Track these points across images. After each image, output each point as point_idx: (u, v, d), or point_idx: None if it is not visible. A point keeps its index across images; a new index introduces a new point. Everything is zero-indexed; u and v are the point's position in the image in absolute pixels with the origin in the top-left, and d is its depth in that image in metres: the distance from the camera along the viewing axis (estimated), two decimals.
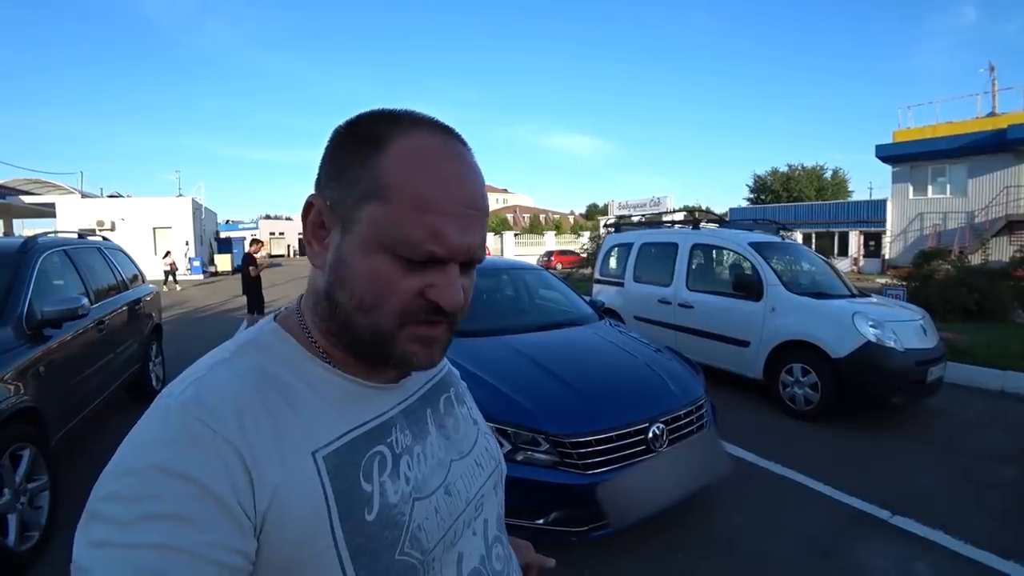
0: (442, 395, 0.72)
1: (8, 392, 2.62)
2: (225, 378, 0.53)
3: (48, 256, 3.70)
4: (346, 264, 0.54)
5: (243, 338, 0.60)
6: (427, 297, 0.54)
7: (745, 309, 5.25)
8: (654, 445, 2.61)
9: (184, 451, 0.46)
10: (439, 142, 0.55)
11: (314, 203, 0.57)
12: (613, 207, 32.07)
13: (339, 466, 0.53)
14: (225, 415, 0.49)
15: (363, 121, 0.57)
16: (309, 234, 0.58)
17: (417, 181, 0.52)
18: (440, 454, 0.65)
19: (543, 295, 4.68)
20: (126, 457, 0.47)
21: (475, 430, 0.74)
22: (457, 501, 0.63)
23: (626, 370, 3.15)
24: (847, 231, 25.26)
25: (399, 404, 0.64)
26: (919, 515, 3.08)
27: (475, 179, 0.56)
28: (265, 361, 0.56)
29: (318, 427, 0.54)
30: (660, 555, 2.72)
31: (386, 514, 0.54)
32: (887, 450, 4.06)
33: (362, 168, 0.53)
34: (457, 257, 0.54)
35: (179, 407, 0.49)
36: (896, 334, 4.47)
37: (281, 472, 0.49)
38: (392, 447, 0.59)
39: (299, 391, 0.55)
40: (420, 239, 0.51)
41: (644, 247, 6.89)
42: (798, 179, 37.48)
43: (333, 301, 0.56)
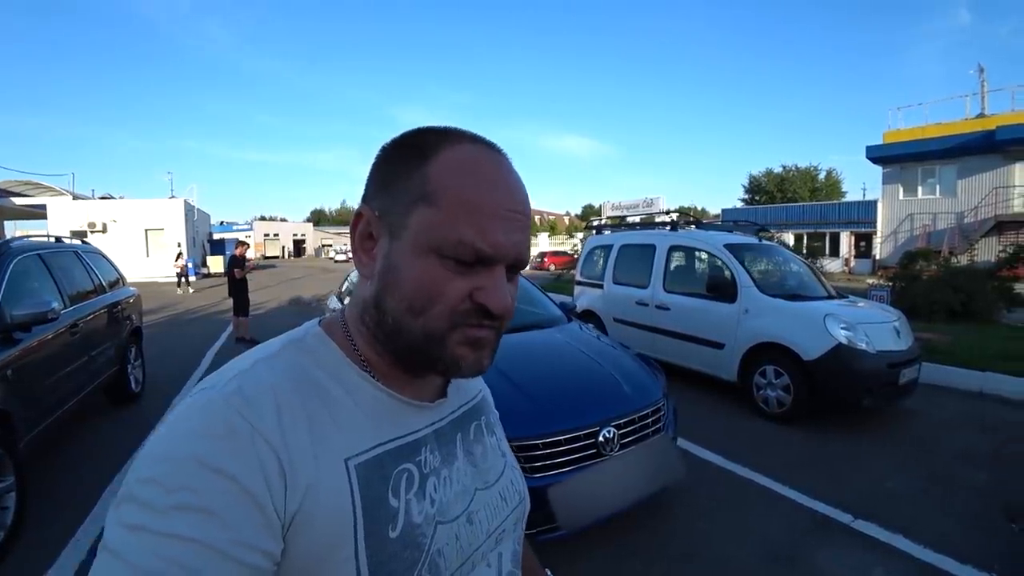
0: (474, 422, 0.72)
1: None
2: (267, 375, 0.53)
3: (21, 260, 3.72)
4: (396, 269, 0.54)
5: (287, 338, 0.60)
6: (476, 300, 0.53)
7: (719, 311, 5.23)
8: (605, 449, 2.58)
9: (223, 445, 0.46)
10: (482, 151, 0.56)
11: (363, 213, 0.58)
12: (606, 208, 32.05)
13: (369, 477, 0.53)
14: (265, 412, 0.49)
15: (409, 136, 0.58)
16: (357, 245, 0.59)
17: (464, 186, 0.53)
18: (465, 481, 0.64)
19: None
20: (167, 443, 0.47)
21: (503, 462, 0.73)
22: (478, 531, 0.62)
23: (581, 373, 3.11)
24: (838, 232, 25.35)
25: (431, 425, 0.63)
26: (881, 519, 3.05)
27: (518, 185, 0.57)
28: (307, 363, 0.57)
29: (353, 435, 0.54)
30: (617, 559, 2.69)
31: (409, 533, 0.54)
32: (857, 453, 4.03)
33: (409, 177, 0.55)
34: (504, 257, 0.54)
35: (222, 400, 0.49)
36: (868, 336, 4.45)
37: (314, 475, 0.49)
38: (420, 466, 0.59)
39: (337, 397, 0.55)
40: (468, 238, 0.52)
41: (623, 249, 6.87)
42: (792, 180, 37.63)
43: (382, 308, 0.56)
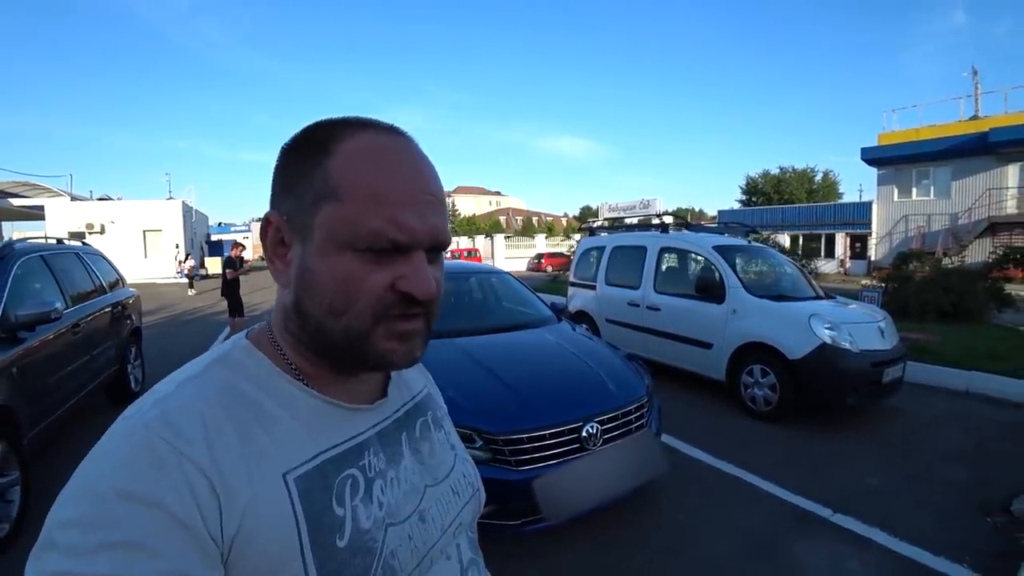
0: (419, 419, 0.70)
1: None
2: (193, 396, 0.51)
3: (24, 262, 3.81)
4: (311, 272, 0.53)
5: (213, 354, 0.58)
6: (399, 289, 0.53)
7: (708, 311, 5.31)
8: (588, 444, 2.67)
9: (148, 474, 0.44)
10: (384, 138, 0.55)
11: (271, 220, 0.56)
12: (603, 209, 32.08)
13: (310, 489, 0.52)
14: (192, 435, 0.47)
15: (307, 132, 0.56)
16: (270, 252, 0.57)
17: (368, 176, 0.52)
18: (414, 479, 0.63)
19: (503, 298, 4.72)
20: (86, 480, 0.45)
21: (452, 456, 0.72)
22: (432, 528, 0.62)
23: (567, 371, 3.20)
24: (834, 233, 25.49)
25: (374, 427, 0.62)
26: (859, 513, 3.13)
27: (425, 168, 0.56)
28: (235, 379, 0.55)
29: (289, 448, 0.52)
30: (600, 551, 2.76)
31: (358, 539, 0.53)
32: (840, 450, 4.12)
33: (311, 175, 0.53)
34: (421, 242, 0.53)
35: (143, 427, 0.47)
36: (852, 336, 4.54)
37: (251, 495, 0.47)
38: (365, 471, 0.57)
39: (270, 410, 0.54)
40: (379, 228, 0.51)
41: (615, 250, 6.96)
42: (789, 181, 37.74)
43: (303, 313, 0.55)
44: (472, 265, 5.94)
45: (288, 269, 0.56)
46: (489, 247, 35.71)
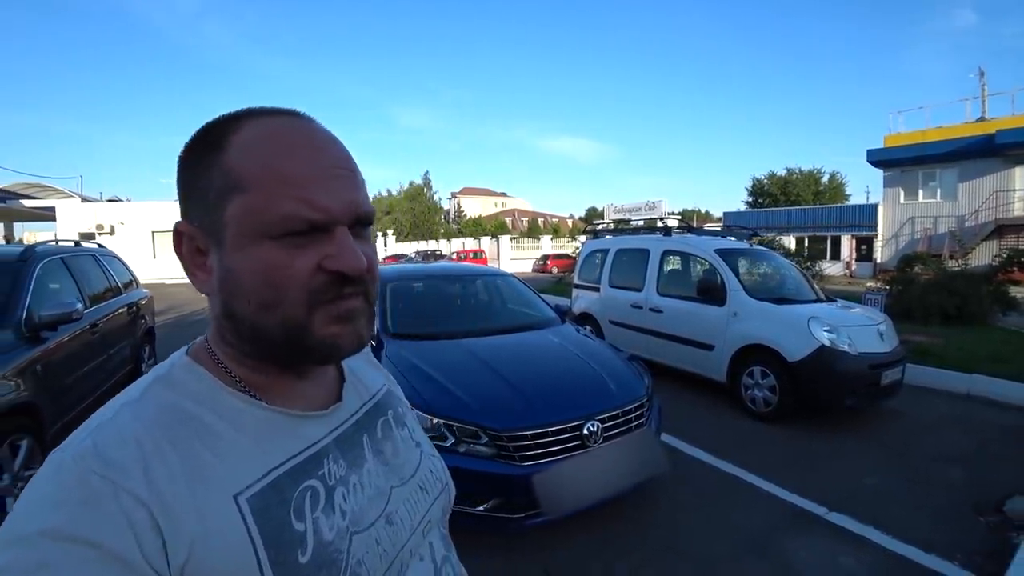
0: (380, 418, 0.68)
1: (9, 388, 2.91)
2: (129, 422, 0.48)
3: (46, 263, 3.96)
4: (232, 271, 0.51)
5: (153, 375, 0.55)
6: (327, 269, 0.50)
7: (709, 314, 5.39)
8: (589, 441, 2.76)
9: (81, 511, 0.41)
10: (279, 121, 0.53)
11: (181, 230, 0.54)
12: (608, 211, 32.21)
13: (266, 507, 0.49)
14: (128, 465, 0.45)
15: (199, 133, 0.54)
16: (189, 264, 0.54)
17: (267, 160, 0.50)
18: (379, 482, 0.61)
19: (508, 300, 4.83)
20: (15, 524, 0.42)
21: (418, 453, 0.70)
22: (400, 530, 0.60)
23: (570, 371, 3.29)
24: (839, 235, 25.46)
25: (331, 432, 0.60)
26: (854, 512, 3.20)
27: (330, 144, 0.54)
28: (177, 399, 0.52)
29: (240, 467, 0.50)
30: (597, 547, 2.84)
31: (321, 553, 0.51)
32: (838, 451, 4.19)
33: (208, 173, 0.51)
34: (340, 218, 0.51)
35: (73, 461, 0.45)
36: (851, 338, 4.61)
37: (198, 522, 0.45)
38: (325, 480, 0.55)
39: (217, 429, 0.51)
40: (291, 210, 0.49)
41: (619, 253, 7.04)
42: (795, 183, 37.67)
43: (234, 317, 0.53)
44: (478, 267, 6.05)
45: (210, 277, 0.53)
46: (495, 248, 35.83)
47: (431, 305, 4.56)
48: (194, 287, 0.56)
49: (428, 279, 4.95)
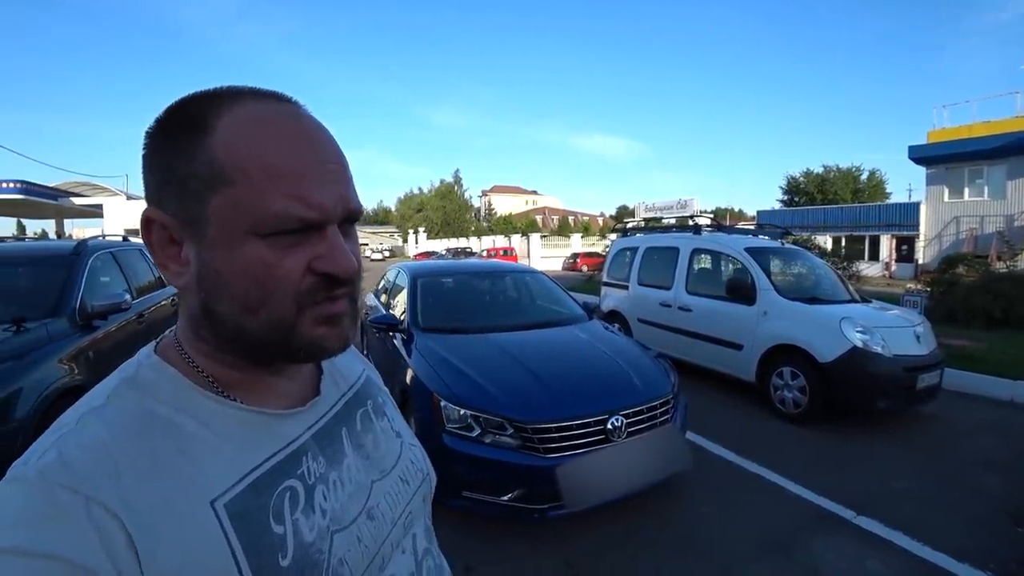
0: (359, 410, 0.67)
1: (64, 371, 3.13)
2: (96, 430, 0.45)
3: (97, 257, 4.19)
4: (215, 270, 0.48)
5: (119, 376, 0.52)
6: (317, 270, 0.49)
7: (739, 313, 5.35)
8: (613, 436, 2.80)
9: (47, 527, 0.39)
10: (270, 107, 0.50)
11: (152, 218, 0.50)
12: (639, 209, 32.00)
13: (244, 512, 0.47)
14: (97, 475, 0.42)
15: (175, 110, 0.49)
16: (159, 255, 0.51)
17: (259, 150, 0.47)
18: (359, 477, 0.60)
19: (536, 296, 4.88)
20: None
21: (398, 443, 0.69)
22: (381, 524, 0.59)
23: (596, 366, 3.34)
24: (878, 235, 24.65)
25: (309, 428, 0.58)
26: (884, 517, 3.15)
27: (322, 135, 0.51)
28: (146, 402, 0.49)
29: (216, 471, 0.48)
30: (617, 540, 2.88)
31: (303, 555, 0.49)
32: (869, 454, 4.11)
33: (192, 158, 0.47)
34: (332, 215, 0.49)
35: (37, 476, 0.42)
36: (885, 340, 4.51)
37: (174, 531, 0.43)
38: (304, 479, 0.53)
39: (190, 432, 0.49)
40: (284, 208, 0.46)
41: (648, 251, 7.03)
42: (833, 181, 36.64)
43: (214, 316, 0.50)
44: (507, 264, 6.12)
45: (186, 270, 0.50)
46: (525, 246, 35.88)
47: (460, 300, 4.64)
48: (165, 279, 0.55)
49: (458, 275, 5.04)
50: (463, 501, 2.76)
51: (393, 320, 4.03)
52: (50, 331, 3.27)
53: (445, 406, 2.86)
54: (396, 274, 5.29)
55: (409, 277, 4.54)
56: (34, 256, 4.19)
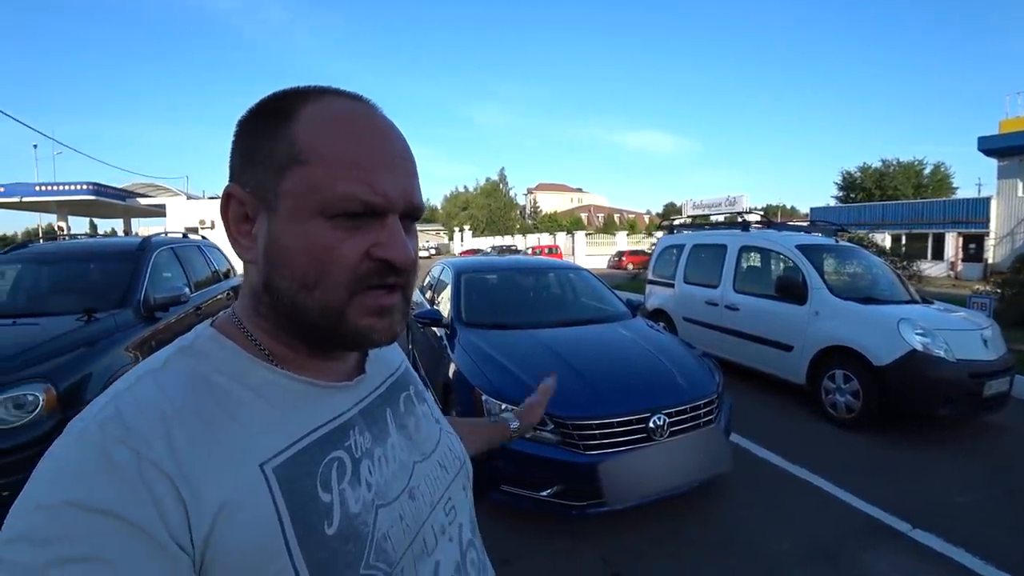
0: (402, 393, 0.69)
1: (129, 359, 3.34)
2: (152, 390, 0.48)
3: (160, 252, 4.48)
4: (279, 245, 0.51)
5: (176, 345, 0.54)
6: (375, 256, 0.51)
7: (789, 313, 5.17)
8: (655, 435, 2.77)
9: (101, 481, 0.41)
10: (349, 104, 0.53)
11: (232, 194, 0.53)
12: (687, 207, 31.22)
13: (292, 477, 0.49)
14: (151, 433, 0.44)
15: (267, 101, 0.54)
16: (233, 229, 0.54)
17: (337, 139, 0.50)
18: (402, 456, 0.61)
19: (580, 293, 4.86)
20: (35, 490, 0.42)
21: (437, 429, 0.71)
22: (422, 506, 0.60)
23: (639, 364, 3.30)
24: (943, 232, 23.31)
25: (356, 404, 0.60)
26: (942, 531, 2.98)
27: (393, 132, 0.55)
28: (201, 368, 0.51)
29: (266, 436, 0.49)
30: (657, 539, 2.84)
31: (348, 525, 0.50)
32: (927, 464, 3.90)
33: (274, 141, 0.51)
34: (395, 205, 0.51)
35: (96, 428, 0.44)
36: (948, 343, 4.27)
37: (223, 492, 0.44)
38: (351, 451, 0.55)
39: (242, 398, 0.50)
40: (350, 191, 0.49)
41: (695, 249, 6.89)
42: (893, 175, 34.80)
43: (274, 290, 0.52)
44: (551, 260, 6.13)
45: (254, 245, 0.53)
46: (570, 244, 35.68)
47: (504, 296, 4.67)
48: (235, 253, 0.56)
49: (501, 271, 5.07)
50: (502, 495, 2.79)
51: (437, 315, 4.09)
52: (117, 321, 3.49)
53: (487, 400, 2.89)
54: (440, 270, 5.38)
55: (453, 273, 4.60)
56: (104, 252, 4.49)
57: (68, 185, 25.06)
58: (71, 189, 24.83)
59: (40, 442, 2.61)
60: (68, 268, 4.22)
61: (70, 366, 2.92)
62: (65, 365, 2.90)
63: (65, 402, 2.78)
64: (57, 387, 2.76)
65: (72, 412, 2.84)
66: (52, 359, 2.89)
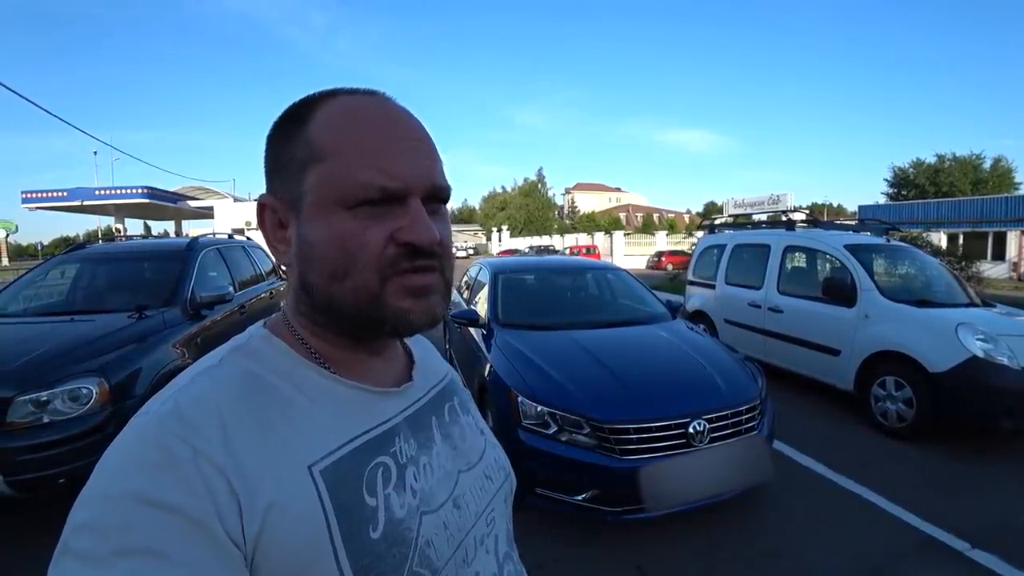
0: (447, 403, 0.69)
1: (177, 355, 3.49)
2: (209, 388, 0.49)
3: (206, 253, 4.63)
4: (308, 241, 0.52)
5: (230, 345, 0.56)
6: (399, 240, 0.51)
7: (836, 315, 4.96)
8: (694, 440, 2.69)
9: (161, 475, 0.42)
10: (361, 98, 0.54)
11: (265, 203, 0.56)
12: (728, 206, 30.59)
13: (339, 480, 0.49)
14: (208, 430, 0.45)
15: (287, 111, 0.56)
16: (271, 238, 0.56)
17: (347, 131, 0.52)
18: (447, 465, 0.61)
19: (618, 294, 4.80)
20: (100, 481, 0.43)
21: (482, 440, 0.70)
22: (466, 515, 0.60)
23: (678, 367, 3.22)
24: (1004, 231, 22.04)
25: (403, 411, 0.60)
26: (1005, 553, 2.77)
27: (406, 117, 0.55)
28: (254, 367, 0.53)
29: (315, 438, 0.50)
30: (698, 550, 2.76)
31: (392, 530, 0.50)
32: (987, 479, 3.67)
33: (294, 144, 0.53)
34: (414, 187, 0.52)
35: (157, 423, 0.45)
36: (1012, 350, 4.02)
37: (274, 491, 0.45)
38: (396, 457, 0.55)
39: (293, 399, 0.52)
40: (366, 178, 0.50)
41: (737, 248, 6.70)
42: (948, 171, 33.20)
43: (309, 287, 0.54)
44: (588, 261, 6.07)
45: (289, 249, 0.55)
46: (608, 244, 35.35)
47: (541, 297, 4.64)
48: (275, 259, 0.57)
49: (538, 271, 5.04)
50: (536, 498, 2.76)
51: (474, 315, 4.09)
52: (166, 319, 3.63)
53: (522, 402, 2.87)
54: (478, 270, 5.38)
55: (490, 273, 4.60)
56: (154, 252, 4.69)
57: (124, 189, 26.35)
58: (127, 193, 26.09)
59: (93, 432, 2.74)
60: (121, 268, 4.43)
61: (121, 361, 3.06)
62: (116, 360, 3.04)
63: (116, 395, 2.91)
64: (109, 381, 2.89)
65: (123, 405, 2.98)
66: (105, 355, 3.03)
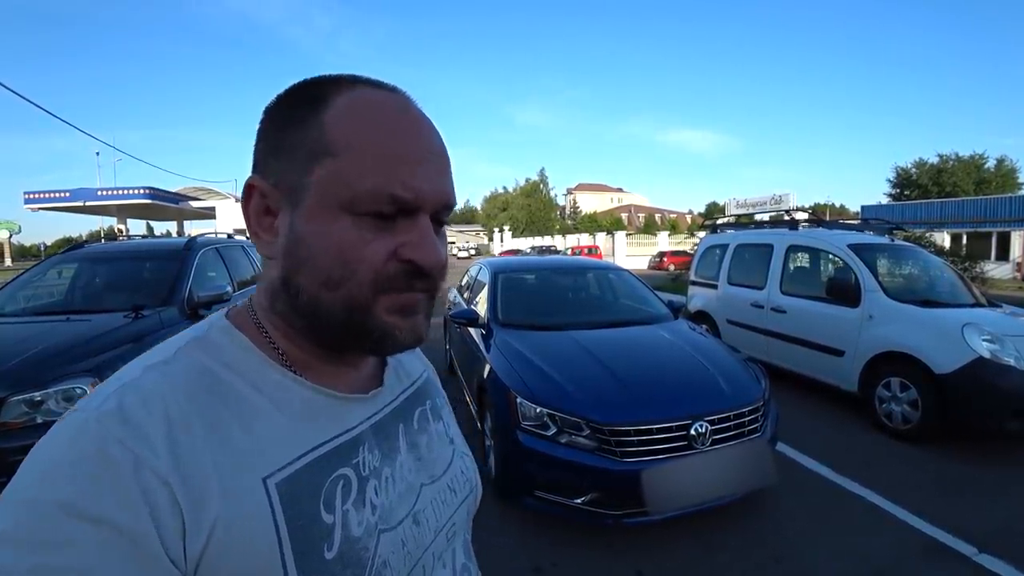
0: (418, 408, 0.65)
1: None
2: (158, 384, 0.44)
3: (204, 252, 4.59)
4: (303, 240, 0.47)
5: (188, 335, 0.51)
6: (402, 257, 0.48)
7: (840, 316, 4.91)
8: (696, 442, 2.65)
9: (95, 484, 0.38)
10: (384, 93, 0.50)
11: (255, 185, 0.50)
12: (730, 205, 30.54)
13: (295, 493, 0.45)
14: (153, 435, 0.41)
15: (297, 87, 0.51)
16: (254, 223, 0.51)
17: (367, 131, 0.47)
18: (410, 478, 0.57)
19: (620, 294, 4.75)
20: (26, 485, 0.39)
21: (450, 450, 0.66)
22: (426, 531, 0.56)
23: (679, 368, 3.18)
24: (1008, 231, 21.94)
25: (369, 418, 0.56)
26: (1013, 558, 2.72)
27: (428, 125, 0.51)
28: (212, 364, 0.48)
29: (272, 446, 0.46)
30: (701, 554, 2.72)
31: (348, 550, 0.47)
32: (993, 482, 3.61)
33: (304, 129, 0.48)
34: (427, 203, 0.48)
35: (96, 423, 0.40)
36: (1019, 351, 3.96)
37: (222, 505, 0.41)
38: (358, 469, 0.51)
39: (251, 401, 0.47)
40: (382, 186, 0.46)
41: (739, 248, 6.66)
42: (951, 171, 33.07)
43: (294, 288, 0.49)
44: (589, 260, 6.02)
45: (275, 240, 0.50)
46: (610, 244, 35.29)
47: (541, 296, 4.60)
48: (256, 248, 0.52)
49: (539, 271, 5.00)
50: (535, 501, 2.72)
51: (473, 315, 4.05)
52: (163, 319, 3.59)
53: (521, 403, 2.83)
54: (478, 270, 5.34)
55: (490, 272, 4.56)
56: (152, 252, 4.66)
57: (126, 190, 26.39)
58: (129, 193, 26.13)
59: None
60: (118, 267, 4.40)
61: (116, 362, 3.01)
62: (112, 361, 2.99)
63: None
64: (103, 381, 2.85)
65: None
66: (99, 354, 3.00)
